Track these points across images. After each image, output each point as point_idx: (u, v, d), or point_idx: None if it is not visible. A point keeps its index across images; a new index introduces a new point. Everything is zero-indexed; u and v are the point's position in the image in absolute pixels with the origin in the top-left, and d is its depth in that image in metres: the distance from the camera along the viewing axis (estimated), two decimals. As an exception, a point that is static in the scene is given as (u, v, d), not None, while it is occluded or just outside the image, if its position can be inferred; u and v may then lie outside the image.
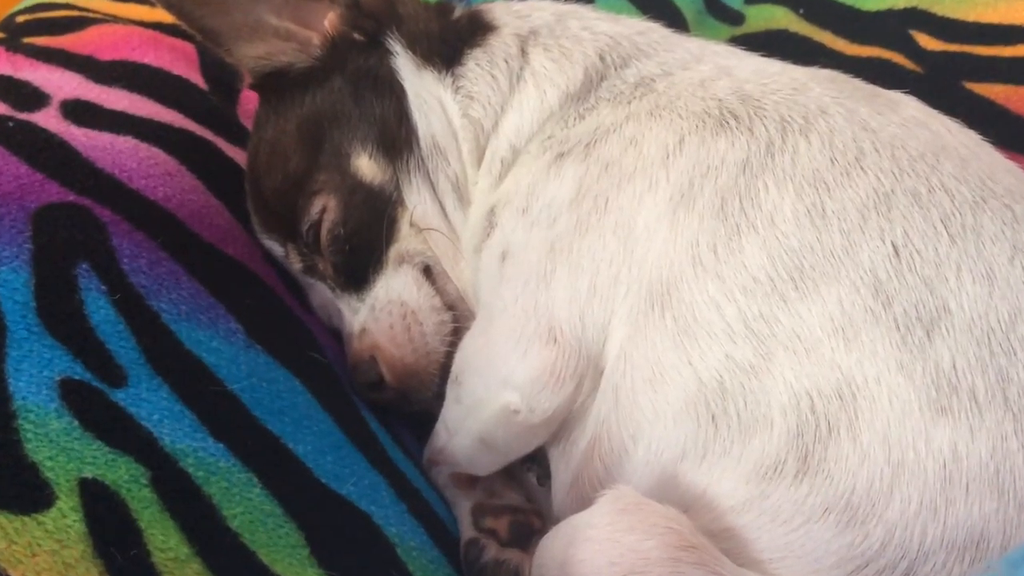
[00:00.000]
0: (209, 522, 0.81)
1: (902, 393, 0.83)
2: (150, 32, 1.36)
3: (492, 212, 1.07)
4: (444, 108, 1.14)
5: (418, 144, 1.13)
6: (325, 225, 1.13)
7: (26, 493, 0.73)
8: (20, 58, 1.20)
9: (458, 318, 1.12)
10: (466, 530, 1.06)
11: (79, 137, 1.04)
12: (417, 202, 1.12)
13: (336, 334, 1.18)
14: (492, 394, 0.97)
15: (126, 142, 1.07)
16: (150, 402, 0.84)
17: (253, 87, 1.22)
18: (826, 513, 0.82)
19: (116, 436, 0.80)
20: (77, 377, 0.82)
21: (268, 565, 0.82)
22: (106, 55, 1.27)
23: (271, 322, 1.06)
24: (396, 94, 1.14)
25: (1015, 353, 0.83)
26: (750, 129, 0.97)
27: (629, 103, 1.06)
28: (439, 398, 1.08)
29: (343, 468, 0.95)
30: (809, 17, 1.78)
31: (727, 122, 0.99)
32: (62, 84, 1.14)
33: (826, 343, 0.85)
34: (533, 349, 0.95)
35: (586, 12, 1.22)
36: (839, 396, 0.84)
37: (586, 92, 1.11)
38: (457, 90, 1.14)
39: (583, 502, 0.89)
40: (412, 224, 1.13)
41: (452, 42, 1.16)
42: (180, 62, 1.34)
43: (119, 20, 1.42)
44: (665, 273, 0.93)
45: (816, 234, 0.89)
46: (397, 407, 1.14)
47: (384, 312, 1.11)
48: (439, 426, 1.08)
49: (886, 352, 0.84)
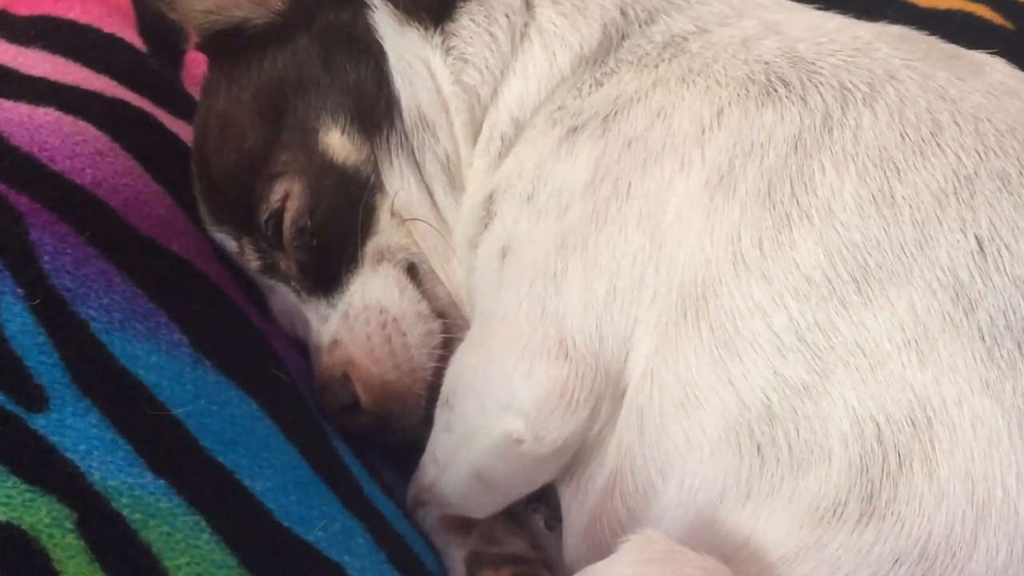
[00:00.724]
0: (148, 575, 0.80)
1: (988, 418, 0.83)
2: (76, -20, 1.37)
3: (490, 199, 1.07)
4: (432, 73, 1.14)
5: (400, 117, 1.13)
6: (288, 215, 1.13)
7: (-77, 542, 0.73)
8: (-86, 13, 1.21)
9: (449, 327, 1.12)
10: (459, 584, 1.07)
11: (-10, 109, 1.04)
12: (399, 187, 1.12)
13: (302, 347, 1.18)
14: (490, 420, 0.97)
15: (47, 115, 1.07)
16: (76, 430, 0.84)
17: (201, 48, 1.22)
18: (896, 564, 0.82)
19: (35, 471, 0.79)
20: (-12, 400, 0.82)
21: (219, 627, 0.82)
22: (22, 9, 1.27)
23: (223, 332, 1.06)
24: (374, 56, 1.14)
25: (1125, 370, 0.84)
26: (803, 98, 0.97)
27: (656, 67, 1.06)
28: (426, 424, 1.08)
29: (310, 509, 0.95)
30: (875, -40, 1.78)
31: (775, 90, 0.99)
32: (-33, 45, 1.15)
33: (896, 358, 0.85)
34: (540, 365, 0.95)
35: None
36: (911, 422, 0.84)
37: (604, 54, 1.11)
38: (448, 51, 1.14)
39: (601, 550, 0.90)
40: (393, 214, 1.13)
41: (442, -7, 1.17)
42: (113, 17, 1.34)
43: (38, -34, 1.43)
44: (700, 273, 0.93)
45: (883, 226, 0.89)
46: (375, 435, 1.14)
47: (360, 320, 1.11)
48: (426, 458, 1.08)
49: (968, 368, 0.84)
